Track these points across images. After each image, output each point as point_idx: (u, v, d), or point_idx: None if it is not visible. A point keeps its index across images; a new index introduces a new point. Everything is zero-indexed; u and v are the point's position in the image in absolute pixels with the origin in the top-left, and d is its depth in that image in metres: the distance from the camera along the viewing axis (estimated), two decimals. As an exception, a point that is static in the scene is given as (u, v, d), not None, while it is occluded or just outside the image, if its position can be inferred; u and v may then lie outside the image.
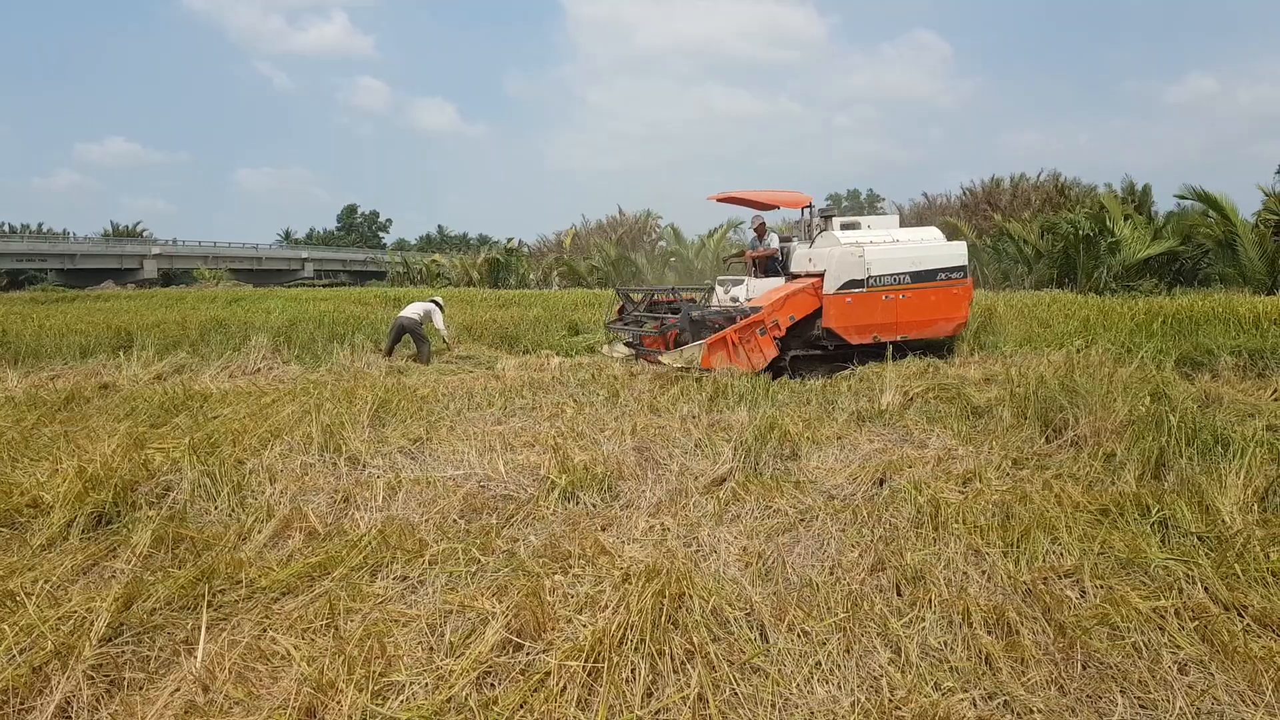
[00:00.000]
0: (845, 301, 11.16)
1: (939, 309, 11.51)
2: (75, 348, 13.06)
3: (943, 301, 11.50)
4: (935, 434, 6.80)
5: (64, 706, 2.78)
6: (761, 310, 11.11)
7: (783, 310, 11.16)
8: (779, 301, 11.20)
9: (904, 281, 11.27)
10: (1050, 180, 39.33)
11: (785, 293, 11.35)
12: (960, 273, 11.58)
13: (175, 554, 4.12)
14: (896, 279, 11.24)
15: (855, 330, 11.25)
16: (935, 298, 11.44)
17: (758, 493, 5.16)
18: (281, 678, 2.98)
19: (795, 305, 11.26)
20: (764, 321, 10.99)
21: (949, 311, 11.59)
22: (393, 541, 4.29)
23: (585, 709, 2.83)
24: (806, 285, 11.39)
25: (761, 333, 10.96)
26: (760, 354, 10.90)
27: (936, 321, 11.61)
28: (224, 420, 7.32)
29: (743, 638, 3.30)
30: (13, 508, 4.67)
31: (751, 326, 10.93)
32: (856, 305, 11.16)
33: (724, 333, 10.75)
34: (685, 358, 10.55)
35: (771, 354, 10.99)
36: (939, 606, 3.58)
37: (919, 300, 11.37)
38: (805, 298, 11.30)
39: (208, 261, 66.33)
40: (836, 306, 11.18)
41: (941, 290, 11.46)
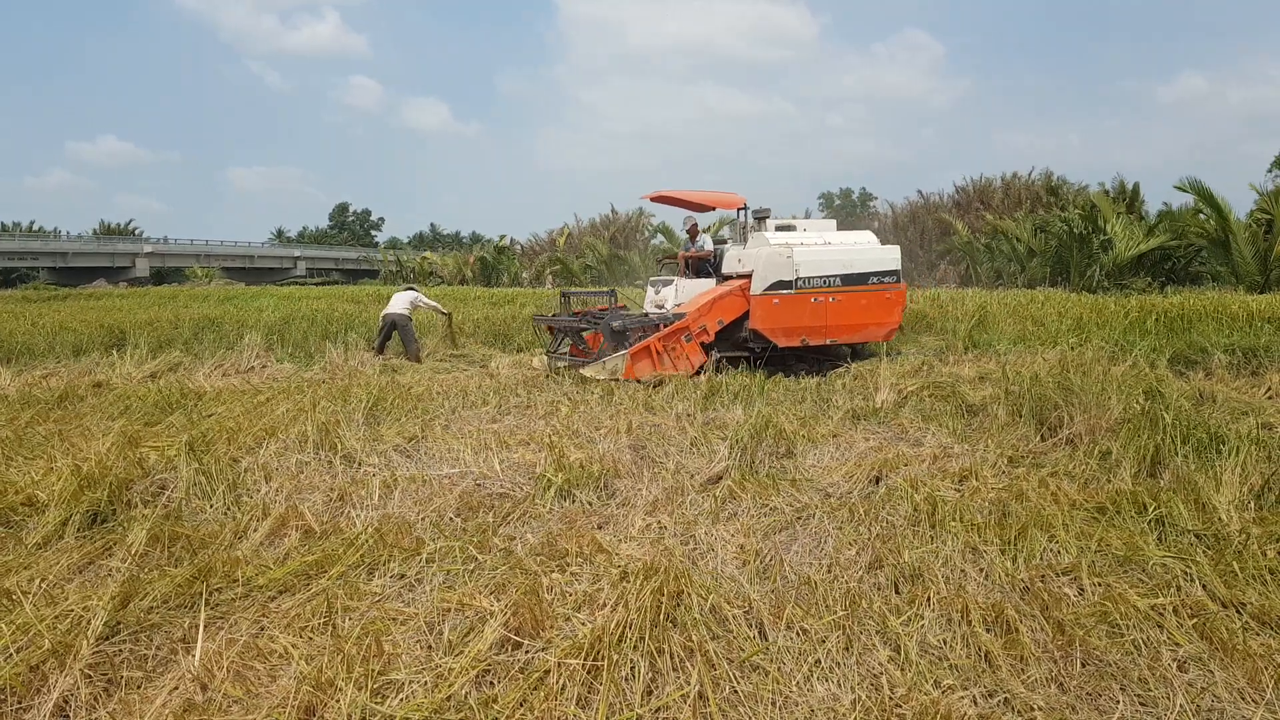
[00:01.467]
0: (772, 303, 10.96)
1: (870, 313, 11.32)
2: (68, 346, 13.02)
3: (874, 306, 11.31)
4: (930, 432, 6.81)
5: (62, 705, 2.76)
6: (687, 316, 10.81)
7: (710, 314, 10.93)
8: (706, 305, 10.96)
9: (834, 284, 11.09)
10: (1042, 179, 39.42)
11: (713, 296, 11.12)
12: (893, 277, 11.37)
13: (171, 552, 4.10)
14: (826, 281, 11.06)
15: (782, 332, 11.04)
16: (866, 302, 11.26)
17: (754, 491, 5.15)
18: (280, 676, 2.97)
19: (724, 308, 11.04)
20: (689, 327, 10.71)
21: (880, 316, 11.40)
22: (389, 540, 4.28)
23: (585, 707, 2.82)
24: (734, 287, 11.17)
25: (688, 339, 10.70)
26: (687, 361, 10.64)
27: (867, 326, 11.43)
28: (218, 419, 7.30)
29: (742, 636, 3.30)
30: (7, 506, 4.65)
31: (677, 333, 10.67)
32: (784, 307, 10.97)
33: (647, 341, 10.44)
34: (608, 369, 10.24)
35: (699, 360, 10.73)
36: (938, 604, 3.58)
37: (849, 304, 11.18)
38: (734, 300, 11.09)
39: (200, 260, 66.15)
40: (763, 308, 10.98)
41: (873, 294, 11.28)
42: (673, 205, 13.23)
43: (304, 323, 15.96)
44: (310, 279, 65.94)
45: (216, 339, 13.61)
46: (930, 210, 40.83)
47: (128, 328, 14.74)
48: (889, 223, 43.01)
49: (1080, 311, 14.41)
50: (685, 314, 10.88)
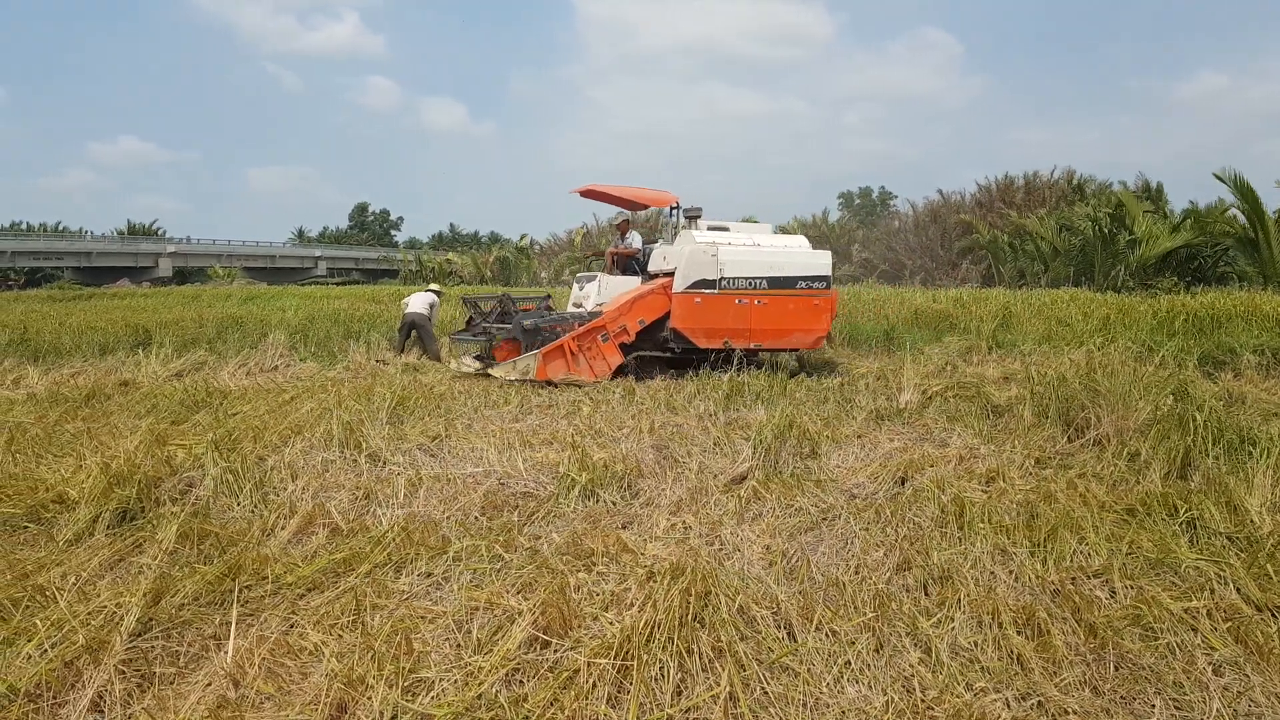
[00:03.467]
0: (694, 301, 10.67)
1: (798, 319, 11.03)
2: (95, 345, 13.14)
3: (802, 311, 11.02)
4: (956, 433, 6.77)
5: (97, 701, 2.78)
6: (604, 315, 10.56)
7: (631, 313, 10.66)
8: (627, 304, 10.70)
9: (760, 286, 10.80)
10: (1064, 178, 39.14)
11: (634, 295, 10.84)
12: (823, 283, 11.08)
13: (200, 550, 4.13)
14: (752, 283, 10.77)
15: (704, 333, 10.76)
16: (794, 306, 10.97)
17: (778, 491, 5.13)
18: (311, 673, 2.98)
19: (645, 307, 10.75)
20: (606, 327, 10.46)
21: (808, 322, 11.09)
22: (416, 538, 4.29)
23: (616, 706, 2.82)
24: (657, 285, 10.89)
25: (604, 339, 10.46)
26: (603, 361, 10.43)
27: (794, 332, 11.14)
28: (244, 417, 7.34)
29: (770, 637, 3.28)
30: (39, 503, 4.69)
31: (592, 332, 10.43)
32: (706, 307, 10.68)
33: (561, 341, 10.24)
34: (519, 369, 10.05)
35: (616, 361, 10.52)
36: (968, 606, 3.55)
37: (776, 308, 10.89)
38: (656, 298, 10.80)
39: (222, 260, 66.60)
40: (684, 306, 10.69)
41: (801, 300, 10.99)
42: (603, 201, 12.85)
43: (326, 322, 16.07)
44: (331, 279, 66.27)
45: (240, 338, 13.69)
46: (951, 209, 40.64)
47: (153, 327, 14.87)
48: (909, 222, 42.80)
49: (1106, 311, 14.30)
50: (601, 313, 10.63)
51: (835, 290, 11.62)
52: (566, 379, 9.91)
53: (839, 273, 40.16)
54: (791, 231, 44.48)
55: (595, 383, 9.94)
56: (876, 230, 47.50)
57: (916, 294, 21.67)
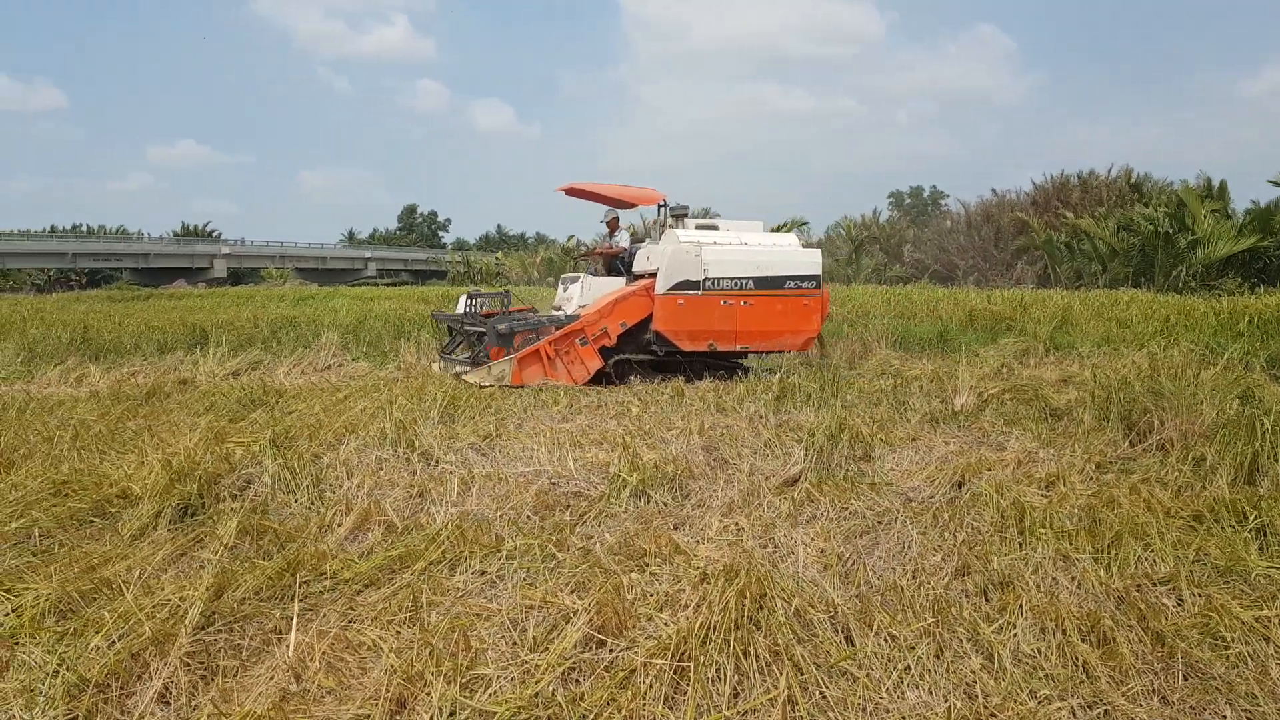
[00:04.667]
0: (677, 303, 10.37)
1: (786, 320, 10.69)
2: (153, 344, 13.44)
3: (790, 312, 10.69)
4: (1014, 436, 6.65)
5: (163, 692, 2.83)
6: (582, 318, 10.32)
7: (612, 316, 10.39)
8: (608, 306, 10.43)
9: (746, 287, 10.48)
10: (1122, 176, 38.34)
11: (615, 297, 10.56)
12: (812, 282, 10.76)
13: (259, 545, 4.19)
14: (738, 283, 10.45)
15: (687, 335, 10.48)
16: (782, 307, 10.63)
17: (832, 494, 5.08)
18: (370, 668, 3.00)
19: (627, 309, 10.48)
20: (584, 330, 10.23)
21: (797, 323, 10.77)
22: (469, 536, 4.31)
23: (673, 707, 2.80)
24: (640, 287, 10.60)
25: (583, 342, 10.22)
26: (582, 366, 10.21)
27: (782, 334, 10.82)
28: (299, 415, 7.45)
29: (828, 641, 3.24)
30: (104, 498, 4.79)
31: (570, 336, 10.19)
32: (689, 308, 10.38)
33: (537, 345, 10.03)
34: (494, 375, 9.81)
35: (595, 365, 10.30)
36: (1030, 613, 3.48)
37: (763, 309, 10.57)
38: (638, 300, 10.52)
39: (275, 261, 67.74)
40: (667, 308, 10.39)
41: (790, 300, 10.66)
42: (587, 199, 12.52)
43: (377, 322, 16.27)
44: (380, 280, 67.10)
45: (294, 338, 13.91)
46: (1005, 209, 39.98)
47: (209, 327, 15.16)
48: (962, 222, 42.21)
49: (1167, 313, 13.98)
50: (580, 315, 10.41)
51: (827, 290, 11.34)
52: (544, 384, 9.73)
53: (890, 273, 39.76)
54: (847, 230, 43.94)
55: (573, 386, 9.77)
56: (928, 230, 46.90)
57: (970, 295, 21.38)
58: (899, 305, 18.52)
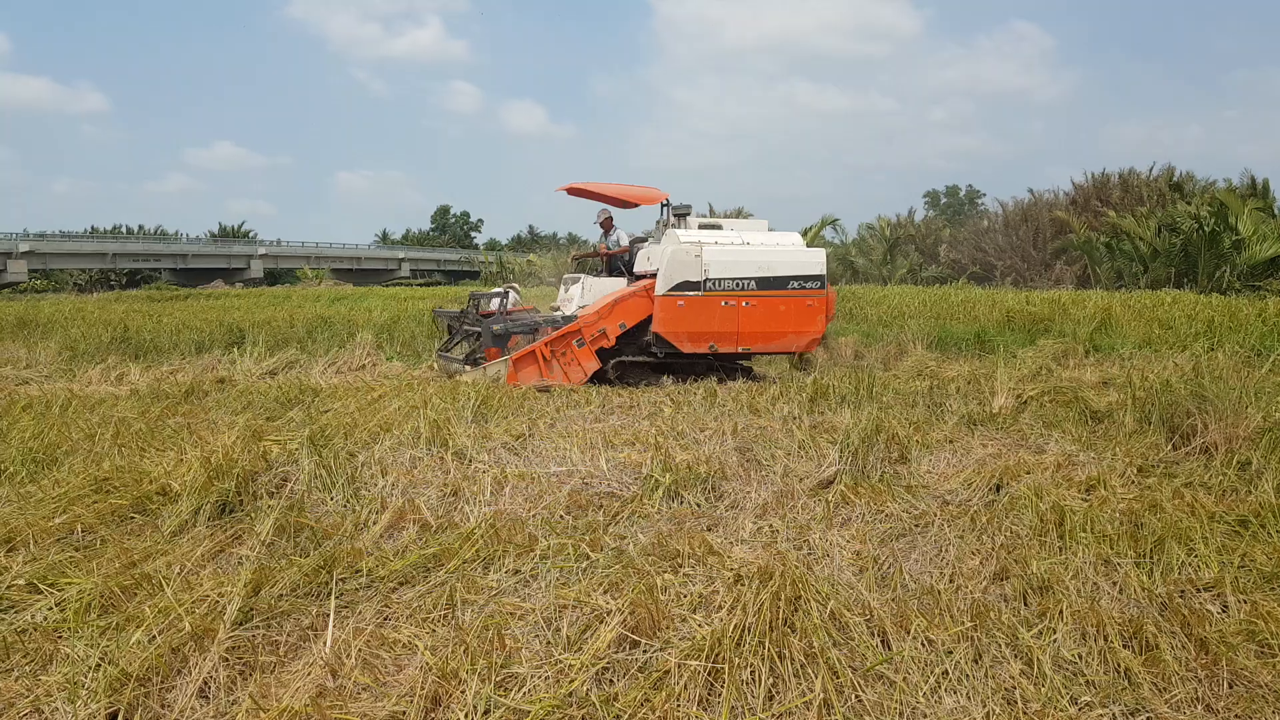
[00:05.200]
0: (677, 305, 10.24)
1: (789, 321, 10.53)
2: (191, 344, 13.63)
3: (793, 313, 10.53)
4: (1053, 439, 6.56)
5: (203, 687, 2.86)
6: (579, 319, 10.21)
7: (610, 317, 10.28)
8: (606, 308, 10.32)
9: (748, 288, 10.33)
10: (1163, 175, 37.70)
11: (614, 298, 10.46)
12: (816, 282, 10.57)
13: (296, 542, 4.22)
14: (739, 284, 10.31)
15: (688, 337, 10.35)
16: (785, 308, 10.48)
17: (867, 496, 5.03)
18: (406, 666, 3.02)
19: (626, 311, 10.37)
20: (581, 332, 10.12)
21: (800, 324, 10.60)
22: (503, 535, 4.31)
23: (707, 708, 2.79)
24: (640, 287, 10.49)
25: (580, 344, 10.12)
26: (579, 367, 10.13)
27: (785, 335, 10.66)
28: (335, 414, 7.50)
29: (864, 644, 3.21)
30: (144, 495, 4.85)
31: (567, 337, 10.10)
32: (690, 310, 10.26)
33: (533, 346, 9.95)
34: (490, 375, 9.75)
35: (592, 367, 10.21)
36: (1070, 618, 3.43)
37: (765, 310, 10.42)
38: (638, 302, 10.42)
39: (310, 261, 68.40)
40: (667, 310, 10.27)
41: (793, 300, 10.50)
42: (589, 199, 12.37)
43: (410, 322, 16.40)
44: (414, 280, 67.55)
45: (329, 338, 14.05)
46: (1044, 208, 39.43)
47: (246, 326, 15.36)
48: (999, 221, 41.70)
49: (1211, 314, 13.72)
50: (577, 316, 10.31)
51: (832, 290, 11.17)
52: (540, 385, 9.67)
53: (926, 273, 39.34)
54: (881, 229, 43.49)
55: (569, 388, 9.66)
56: (965, 230, 46.35)
57: (1008, 295, 21.12)
58: (935, 306, 18.34)
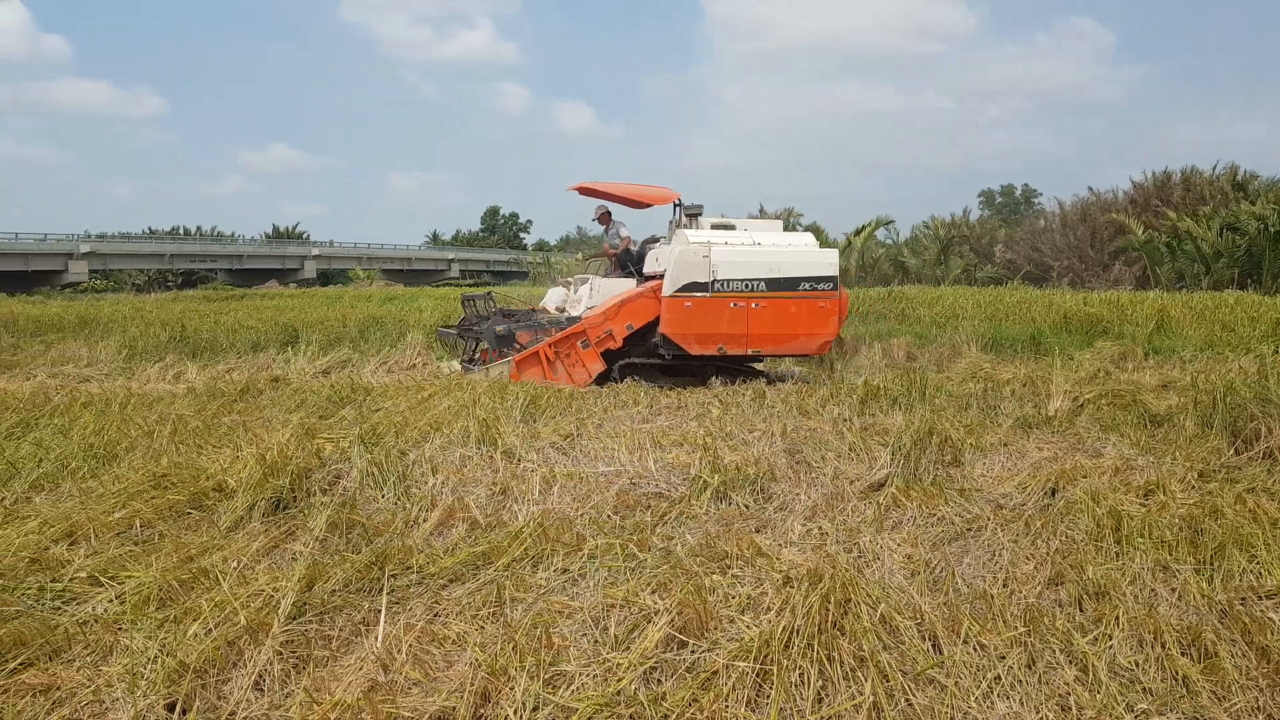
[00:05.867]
0: (684, 306, 10.06)
1: (800, 323, 10.31)
2: (247, 343, 13.91)
3: (805, 315, 10.31)
4: (1110, 442, 6.42)
5: (258, 680, 2.92)
6: (584, 320, 10.10)
7: (617, 318, 10.15)
8: (613, 309, 10.19)
9: (758, 289, 10.13)
10: (1226, 174, 36.76)
11: (621, 299, 10.31)
12: (829, 284, 10.36)
13: (348, 539, 4.29)
14: (749, 285, 10.10)
15: (695, 339, 10.15)
16: (796, 310, 10.25)
17: (919, 500, 4.97)
18: (455, 662, 3.05)
19: (633, 312, 10.22)
20: (586, 333, 10.01)
21: (812, 326, 10.39)
22: (551, 534, 4.34)
23: (755, 710, 2.78)
24: (647, 288, 10.37)
25: (584, 345, 10.00)
26: (583, 368, 9.99)
27: (797, 337, 10.47)
28: (386, 413, 7.58)
29: (915, 648, 3.17)
30: (200, 491, 4.95)
31: (571, 339, 10.00)
32: (697, 311, 10.08)
33: (537, 347, 9.86)
34: (492, 377, 9.64)
35: (598, 368, 10.09)
36: (1127, 624, 3.36)
37: (775, 311, 10.20)
38: (645, 302, 10.28)
39: (362, 262, 69.27)
40: (674, 311, 10.09)
41: (804, 302, 10.28)
42: (599, 198, 12.18)
43: (461, 322, 16.51)
44: (463, 280, 68.14)
45: (380, 337, 14.23)
46: (1102, 208, 38.64)
47: (299, 326, 15.61)
48: (1056, 221, 40.96)
49: (1276, 316, 13.35)
50: (581, 317, 10.21)
51: (845, 291, 11.00)
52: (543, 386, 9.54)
53: (980, 274, 38.75)
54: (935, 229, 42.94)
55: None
56: (1020, 230, 45.59)
57: (1064, 296, 20.72)
58: (990, 307, 18.05)
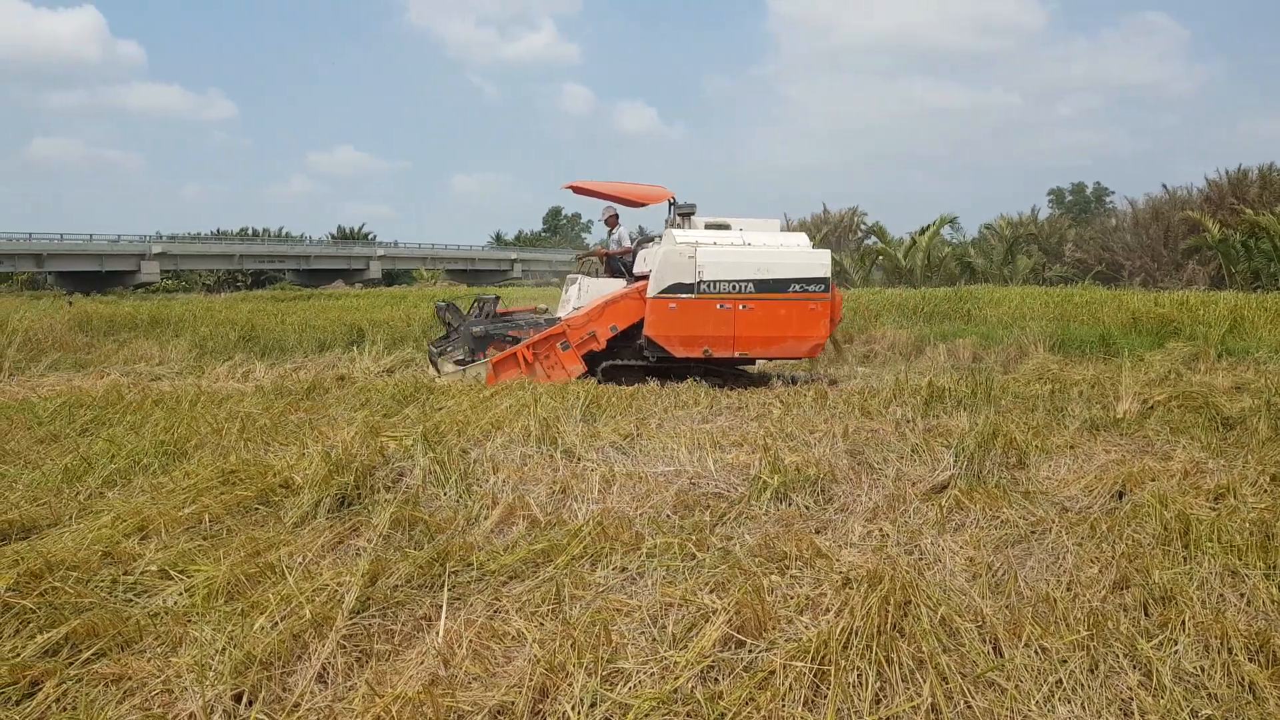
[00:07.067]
0: (668, 307, 9.92)
1: (789, 325, 10.12)
2: (313, 342, 14.25)
3: (795, 317, 10.12)
4: (1180, 445, 6.26)
5: (322, 672, 3.00)
6: (565, 321, 10.01)
7: (601, 320, 10.05)
8: (597, 310, 10.09)
9: (746, 290, 9.93)
10: (1307, 169, 35.44)
11: (606, 300, 10.21)
12: (819, 285, 10.11)
13: (411, 535, 4.37)
14: (736, 286, 9.91)
15: (680, 341, 10.01)
16: (785, 312, 10.06)
17: (983, 502, 4.91)
18: (515, 657, 3.10)
19: (618, 313, 10.12)
20: (565, 334, 9.92)
21: (802, 329, 10.19)
22: (610, 533, 4.37)
23: (812, 710, 2.78)
24: (633, 289, 10.24)
25: (564, 347, 9.92)
26: (562, 370, 9.88)
27: (786, 339, 10.27)
28: (448, 412, 7.70)
29: (975, 651, 3.13)
30: (268, 487, 5.08)
31: (550, 340, 9.92)
32: (682, 312, 9.93)
33: (515, 349, 9.82)
34: (469, 377, 9.62)
35: (578, 370, 9.96)
36: (1193, 629, 3.28)
37: (764, 313, 10.01)
38: (630, 304, 10.17)
39: (426, 263, 70.21)
40: (658, 312, 9.97)
41: (794, 304, 10.07)
42: (593, 197, 11.99)
43: (522, 323, 16.67)
44: (525, 280, 68.65)
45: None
46: (1176, 206, 37.51)
47: (365, 326, 15.93)
48: (1128, 220, 39.86)
49: (1356, 316, 12.88)
50: (560, 319, 10.13)
51: (838, 293, 10.77)
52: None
53: (1049, 273, 37.89)
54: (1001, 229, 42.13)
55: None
56: (1091, 229, 44.45)
57: (1135, 296, 20.18)
58: (1058, 307, 17.66)
